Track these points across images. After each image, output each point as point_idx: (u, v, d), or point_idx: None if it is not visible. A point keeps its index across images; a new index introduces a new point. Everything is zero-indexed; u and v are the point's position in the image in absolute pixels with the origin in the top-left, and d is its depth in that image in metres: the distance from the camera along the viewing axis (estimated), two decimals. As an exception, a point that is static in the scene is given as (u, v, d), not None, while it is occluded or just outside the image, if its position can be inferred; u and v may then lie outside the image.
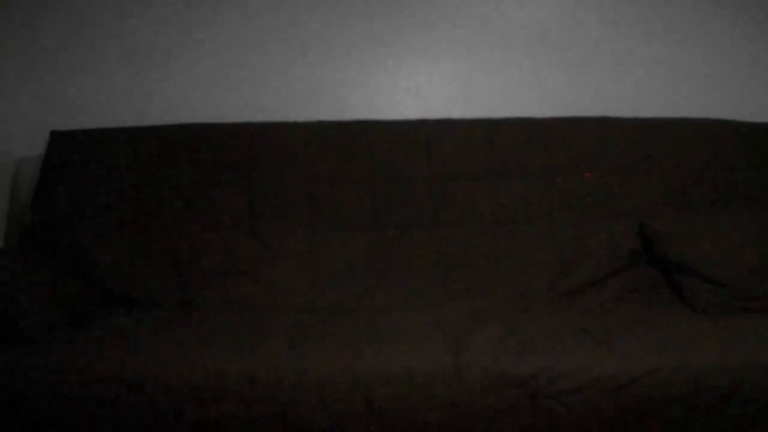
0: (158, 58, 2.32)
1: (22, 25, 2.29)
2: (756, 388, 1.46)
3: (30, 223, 2.12)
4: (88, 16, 2.30)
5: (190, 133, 2.15)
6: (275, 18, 2.32)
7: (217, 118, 2.24)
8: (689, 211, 2.09)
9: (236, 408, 1.47)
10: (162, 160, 2.12)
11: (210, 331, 1.73)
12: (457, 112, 2.32)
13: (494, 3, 2.34)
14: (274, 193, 2.11)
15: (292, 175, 2.12)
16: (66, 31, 2.30)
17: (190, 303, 1.99)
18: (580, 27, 2.35)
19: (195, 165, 2.12)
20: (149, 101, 2.33)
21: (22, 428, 1.50)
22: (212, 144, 2.13)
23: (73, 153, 2.13)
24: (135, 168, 2.12)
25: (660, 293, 1.98)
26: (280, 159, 2.13)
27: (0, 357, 1.53)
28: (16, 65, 2.30)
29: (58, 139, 2.15)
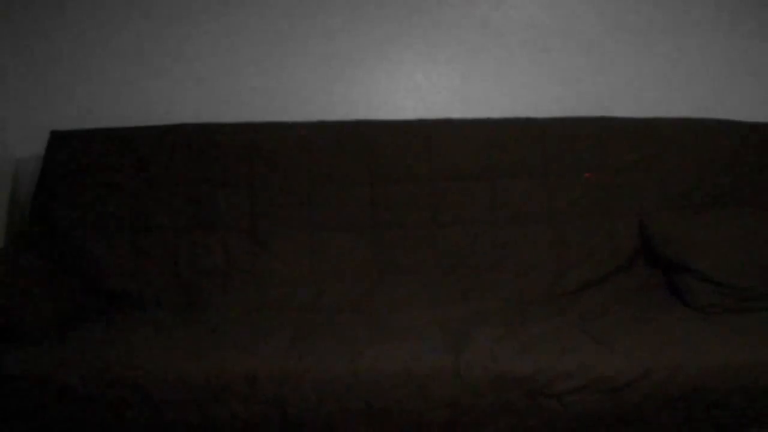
0: (158, 58, 2.32)
1: (22, 26, 2.29)
2: (756, 388, 1.46)
3: (30, 223, 2.12)
4: (88, 16, 2.30)
5: (190, 133, 2.15)
6: (275, 19, 2.32)
7: (217, 118, 2.24)
8: (689, 211, 2.09)
9: (237, 408, 1.47)
10: (162, 160, 2.12)
11: (210, 331, 1.74)
12: (457, 112, 2.32)
13: (494, 3, 2.34)
14: (274, 193, 2.11)
15: (292, 175, 2.12)
16: (66, 32, 2.30)
17: (190, 303, 1.99)
18: (579, 27, 2.35)
19: (195, 165, 2.12)
20: (149, 101, 2.33)
21: (22, 428, 1.50)
22: (212, 144, 2.13)
23: (73, 153, 2.12)
24: (135, 168, 2.12)
25: (660, 293, 1.97)
26: (280, 159, 2.13)
27: (0, 357, 1.53)
28: (16, 65, 2.30)
29: (58, 139, 2.15)
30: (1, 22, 2.27)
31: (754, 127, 2.20)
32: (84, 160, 2.12)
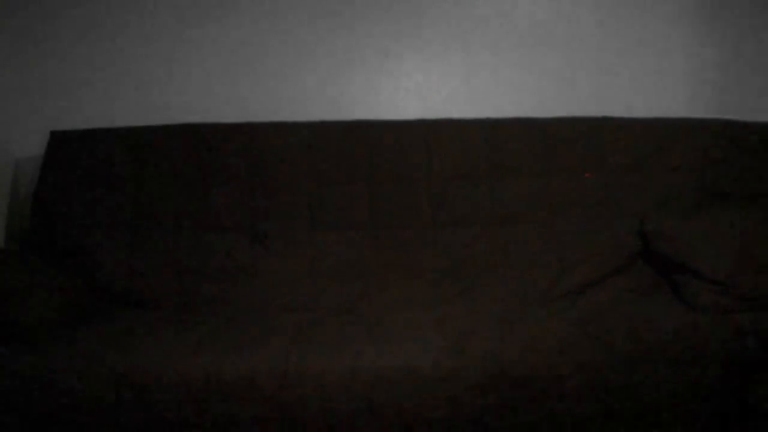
0: (158, 57, 2.32)
1: (22, 26, 2.29)
2: (754, 387, 1.46)
3: (30, 223, 2.12)
4: (87, 16, 2.30)
5: (190, 133, 2.15)
6: (275, 18, 2.32)
7: (217, 118, 2.24)
8: (689, 211, 2.09)
9: (236, 408, 1.47)
10: (162, 160, 2.12)
11: (210, 331, 1.74)
12: (457, 112, 2.32)
13: (494, 3, 2.34)
14: (274, 193, 2.12)
15: (292, 175, 2.13)
16: (66, 32, 2.30)
17: (190, 303, 1.99)
18: (579, 27, 2.35)
19: (195, 165, 2.12)
20: (149, 101, 2.33)
21: (22, 428, 1.50)
22: (212, 144, 2.14)
23: (73, 153, 2.13)
24: (135, 168, 2.12)
25: (660, 293, 1.97)
26: (280, 159, 2.13)
27: (0, 357, 1.53)
28: (16, 65, 2.30)
29: (58, 139, 2.15)
30: (1, 22, 2.27)
31: (754, 127, 2.20)
32: (84, 160, 2.12)
